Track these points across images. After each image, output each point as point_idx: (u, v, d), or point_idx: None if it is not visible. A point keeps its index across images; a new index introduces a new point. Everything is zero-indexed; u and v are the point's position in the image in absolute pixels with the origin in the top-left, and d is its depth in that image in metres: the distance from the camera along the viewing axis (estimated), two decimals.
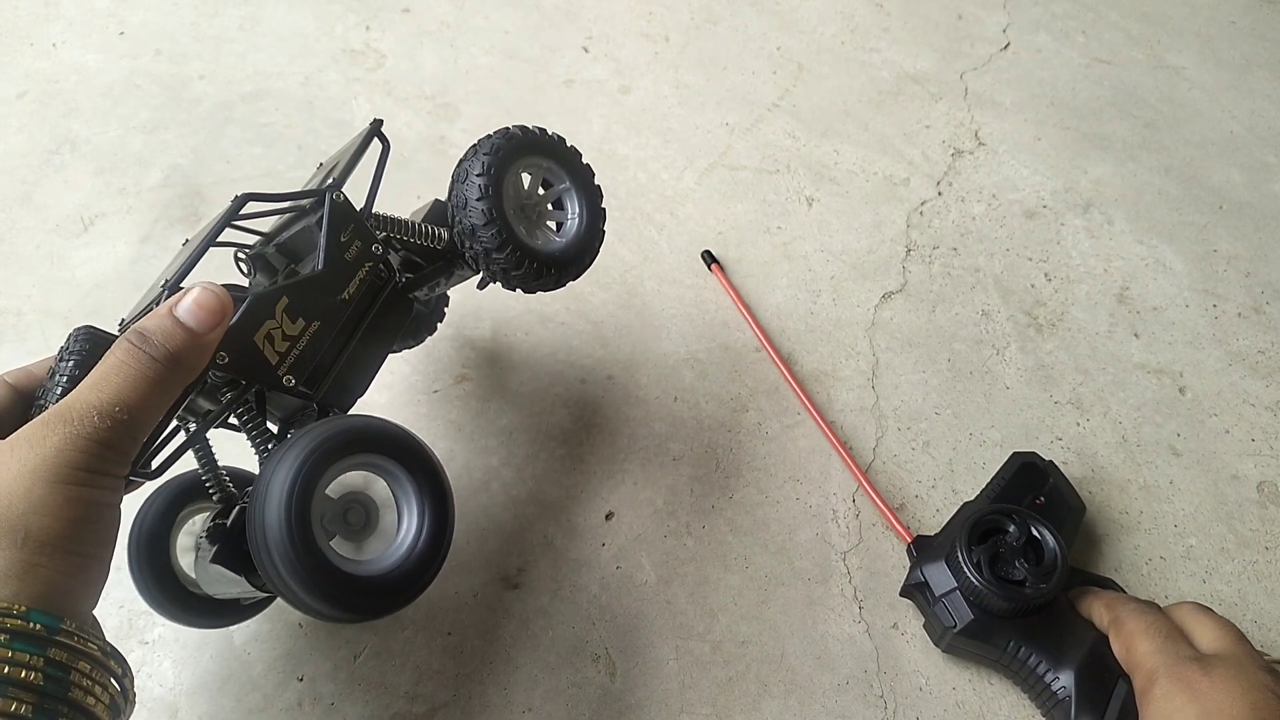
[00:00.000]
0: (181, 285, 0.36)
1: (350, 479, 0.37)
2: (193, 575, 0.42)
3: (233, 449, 0.43)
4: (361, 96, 0.76)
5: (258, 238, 0.42)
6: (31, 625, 0.27)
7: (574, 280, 0.46)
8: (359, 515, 0.37)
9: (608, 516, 0.53)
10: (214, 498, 0.40)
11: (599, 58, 0.82)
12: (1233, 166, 0.77)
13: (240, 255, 0.41)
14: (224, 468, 0.41)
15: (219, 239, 0.38)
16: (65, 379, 0.33)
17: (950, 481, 0.54)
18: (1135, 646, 0.43)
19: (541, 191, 0.46)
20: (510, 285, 0.44)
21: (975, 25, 0.89)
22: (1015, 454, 0.53)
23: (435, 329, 0.55)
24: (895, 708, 0.47)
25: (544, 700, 0.46)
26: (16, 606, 0.27)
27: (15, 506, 0.28)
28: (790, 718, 0.46)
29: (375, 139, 0.43)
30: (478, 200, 0.41)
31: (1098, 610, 0.46)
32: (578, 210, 0.46)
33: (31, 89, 0.74)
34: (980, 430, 0.58)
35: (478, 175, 0.41)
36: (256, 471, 0.44)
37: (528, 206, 0.45)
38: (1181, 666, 0.40)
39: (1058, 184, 0.75)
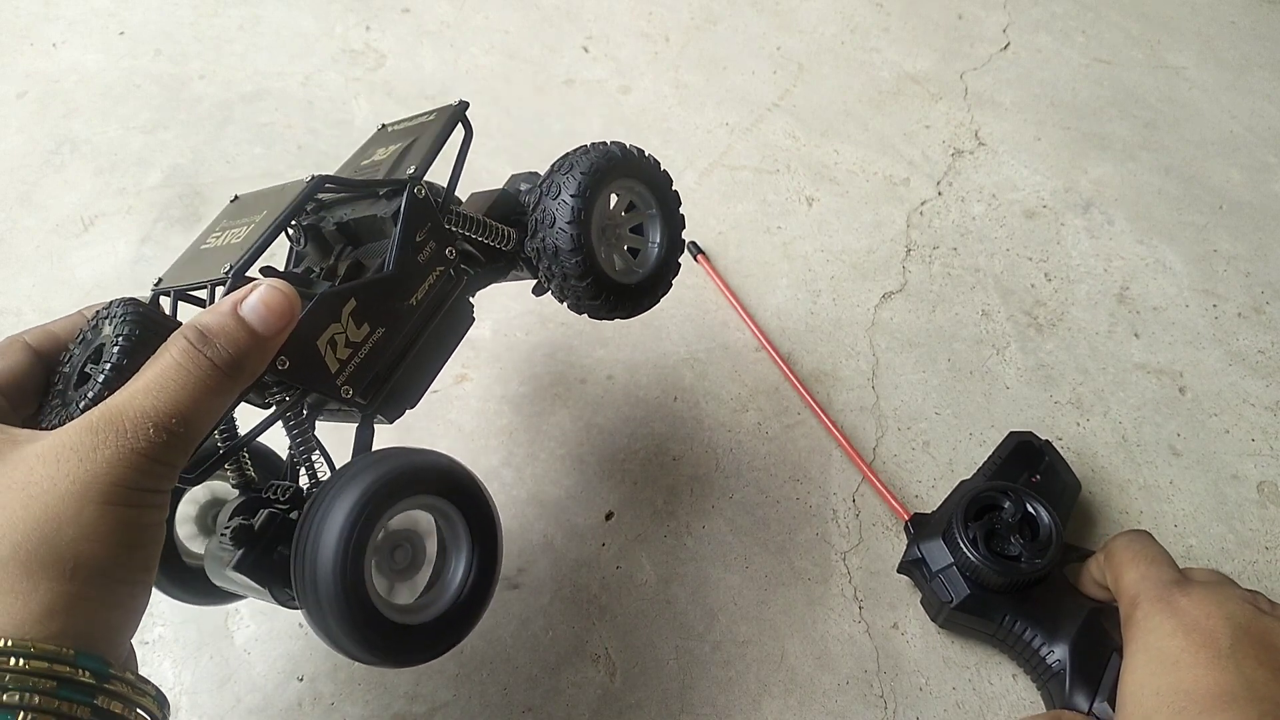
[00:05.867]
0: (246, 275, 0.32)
1: (402, 516, 0.34)
2: (189, 547, 0.40)
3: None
4: (361, 96, 0.76)
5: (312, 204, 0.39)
6: (80, 673, 0.25)
7: (643, 313, 0.44)
8: (406, 555, 0.34)
9: (608, 516, 0.53)
10: (231, 482, 0.38)
11: (599, 58, 0.82)
12: (1233, 166, 0.77)
13: (291, 223, 0.38)
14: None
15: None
16: (110, 368, 0.30)
17: (950, 481, 0.54)
18: (1122, 575, 0.43)
19: (624, 214, 0.43)
20: (579, 310, 0.42)
21: (975, 25, 0.89)
22: (1012, 433, 0.54)
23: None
24: (895, 708, 0.47)
25: (544, 700, 0.46)
26: (64, 649, 0.25)
27: (64, 532, 0.25)
28: (790, 718, 0.46)
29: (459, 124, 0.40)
30: (568, 223, 0.38)
31: (1097, 558, 0.47)
32: (658, 239, 0.44)
33: (31, 89, 0.74)
34: (980, 430, 0.58)
35: (572, 196, 0.38)
36: (277, 450, 0.42)
37: (608, 228, 0.42)
38: (1162, 589, 0.41)
39: (1058, 184, 0.75)
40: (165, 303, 0.36)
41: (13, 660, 0.24)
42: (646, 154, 0.43)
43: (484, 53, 0.81)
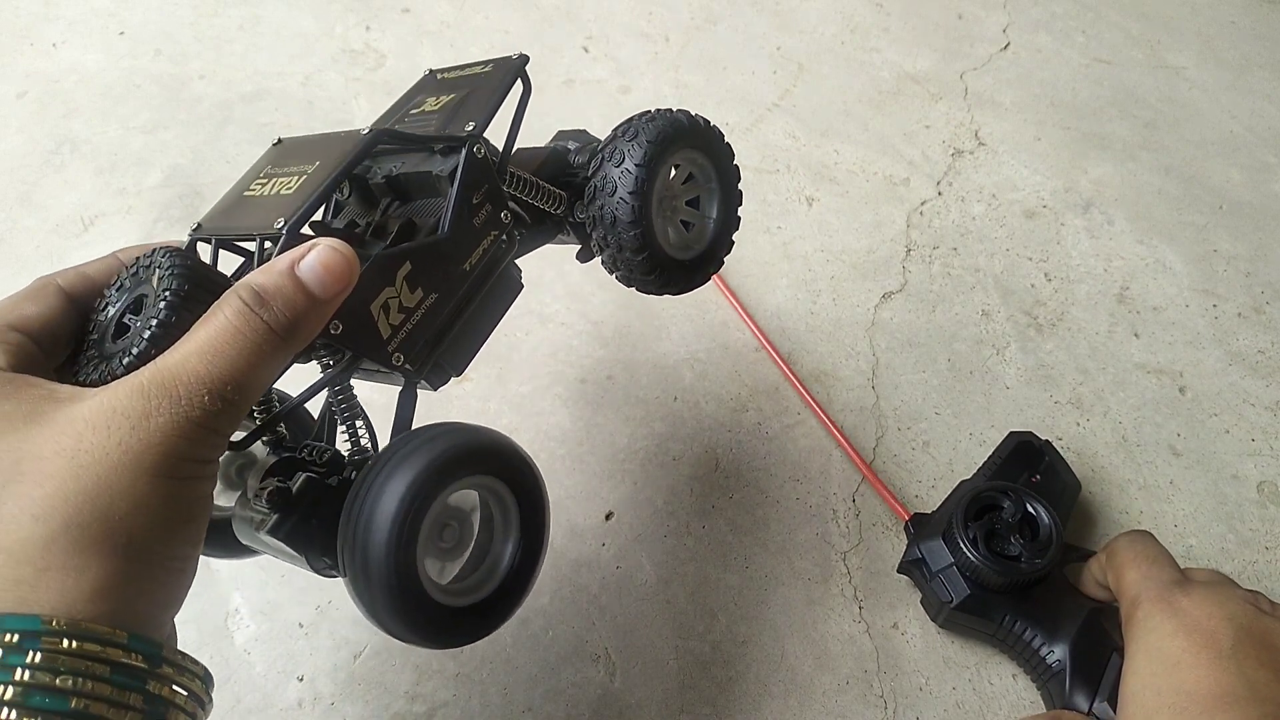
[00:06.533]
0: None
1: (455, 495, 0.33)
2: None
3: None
4: (361, 96, 0.76)
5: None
6: (133, 656, 0.24)
7: (692, 290, 0.42)
8: (454, 534, 0.33)
9: (608, 516, 0.53)
10: (263, 439, 0.35)
11: (599, 58, 0.82)
12: (1233, 166, 0.77)
13: None
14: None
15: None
16: (156, 324, 0.28)
17: (950, 481, 0.54)
18: (1123, 575, 0.43)
19: (681, 185, 0.41)
20: (629, 284, 0.40)
21: (975, 25, 0.89)
22: (1012, 433, 0.54)
23: None
24: (895, 708, 0.47)
25: (544, 700, 0.46)
26: (117, 632, 0.24)
27: (117, 506, 0.24)
28: (790, 718, 0.46)
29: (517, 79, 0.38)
30: (630, 194, 0.36)
31: (1098, 558, 0.47)
32: (715, 215, 0.42)
33: (31, 89, 0.74)
34: (980, 430, 0.58)
35: (636, 165, 0.36)
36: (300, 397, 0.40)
37: (665, 199, 0.40)
38: (1163, 589, 0.41)
39: (1058, 184, 0.75)
40: (203, 249, 0.34)
41: (65, 642, 0.23)
42: (712, 124, 0.41)
43: (484, 53, 0.81)
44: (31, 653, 0.22)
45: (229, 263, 0.35)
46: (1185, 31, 0.90)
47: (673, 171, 0.40)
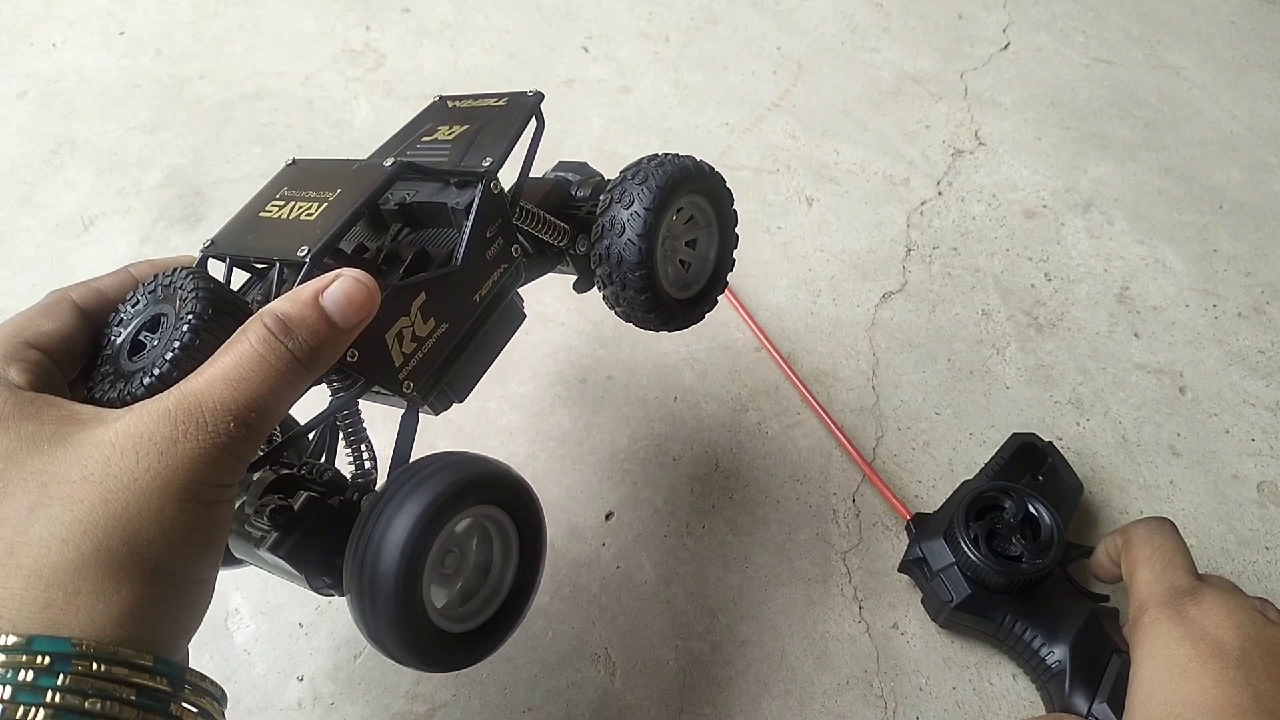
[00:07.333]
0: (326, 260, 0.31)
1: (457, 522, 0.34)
2: None
3: None
4: (361, 96, 0.76)
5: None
6: (158, 680, 0.24)
7: (688, 328, 0.44)
8: (455, 560, 0.33)
9: (608, 516, 0.53)
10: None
11: (599, 58, 0.82)
12: (1233, 166, 0.77)
13: None
14: None
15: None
16: (179, 347, 0.28)
17: (950, 482, 0.54)
18: (1136, 572, 0.43)
19: (682, 226, 0.42)
20: (629, 319, 0.42)
21: (975, 25, 0.89)
22: (1015, 434, 0.54)
23: None
24: (895, 708, 0.47)
25: (544, 700, 0.46)
26: (143, 656, 0.24)
27: (145, 530, 0.24)
28: (790, 718, 0.46)
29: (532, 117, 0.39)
30: (638, 236, 0.38)
31: (1114, 539, 0.46)
32: (713, 256, 0.43)
33: (31, 89, 0.74)
34: (980, 430, 0.58)
35: (645, 209, 0.38)
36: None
37: (666, 239, 0.41)
38: (1172, 595, 0.40)
39: (1058, 184, 0.75)
40: (214, 266, 0.34)
41: (94, 665, 0.23)
42: (715, 170, 0.42)
43: (484, 53, 0.81)
44: (62, 675, 0.23)
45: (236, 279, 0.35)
46: (1185, 31, 0.90)
47: (675, 214, 0.41)
